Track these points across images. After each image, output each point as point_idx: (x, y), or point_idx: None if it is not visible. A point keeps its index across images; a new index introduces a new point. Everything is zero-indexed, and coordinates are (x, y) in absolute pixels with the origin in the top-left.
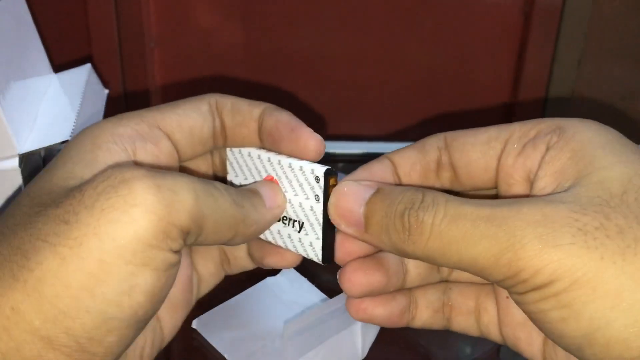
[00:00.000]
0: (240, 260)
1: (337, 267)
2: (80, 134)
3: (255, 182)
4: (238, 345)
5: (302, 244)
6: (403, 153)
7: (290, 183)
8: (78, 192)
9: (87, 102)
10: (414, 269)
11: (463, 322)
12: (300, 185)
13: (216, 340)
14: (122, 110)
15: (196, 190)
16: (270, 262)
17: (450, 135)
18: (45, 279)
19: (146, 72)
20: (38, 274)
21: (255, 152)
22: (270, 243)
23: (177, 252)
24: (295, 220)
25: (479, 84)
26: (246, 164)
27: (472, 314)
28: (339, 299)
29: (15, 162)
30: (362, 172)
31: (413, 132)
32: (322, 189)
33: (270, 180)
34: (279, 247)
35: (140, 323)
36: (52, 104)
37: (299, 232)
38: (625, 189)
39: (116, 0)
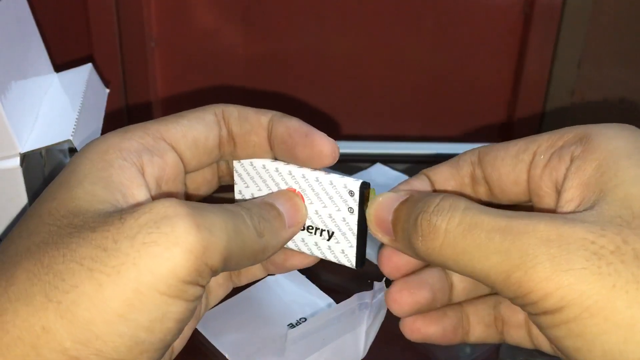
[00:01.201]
0: (252, 270)
1: (338, 267)
2: (88, 149)
3: (273, 193)
4: (239, 344)
5: (332, 251)
6: (438, 169)
7: (318, 196)
8: (117, 220)
9: (88, 102)
10: (459, 283)
11: (515, 336)
12: (330, 198)
13: (217, 339)
14: (122, 109)
15: (228, 230)
16: (294, 262)
17: (484, 149)
18: (80, 302)
19: (147, 71)
20: (73, 296)
21: (271, 164)
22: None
23: (204, 286)
24: (323, 230)
25: (480, 83)
26: (260, 175)
27: (523, 327)
28: (344, 304)
29: (16, 162)
30: (401, 186)
31: (414, 132)
32: (357, 202)
33: (292, 192)
34: (303, 252)
35: (168, 346)
36: (53, 103)
37: (329, 240)
38: None
39: (117, 0)
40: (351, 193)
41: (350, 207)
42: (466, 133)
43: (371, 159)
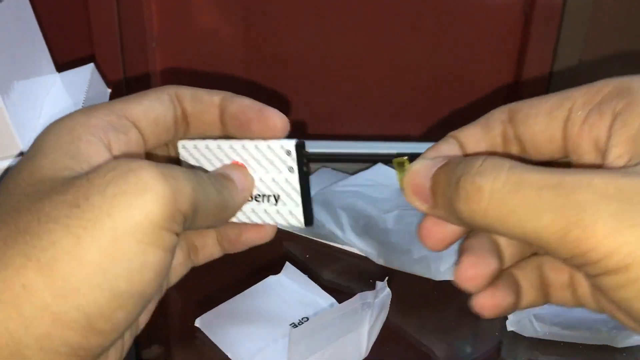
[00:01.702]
0: (209, 248)
1: (337, 265)
2: (55, 125)
3: (219, 167)
4: (241, 343)
5: (281, 214)
6: (467, 130)
7: (259, 163)
8: (85, 180)
9: (89, 101)
10: (507, 249)
11: (560, 297)
12: (271, 162)
13: (219, 338)
14: None
15: (191, 180)
16: (249, 237)
17: (514, 107)
18: (59, 257)
19: (148, 71)
20: (52, 253)
21: (213, 143)
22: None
23: (178, 235)
24: (270, 195)
25: (480, 83)
26: (204, 156)
27: (568, 288)
28: (347, 304)
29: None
30: (430, 152)
31: (414, 132)
32: (296, 160)
33: (236, 165)
34: (255, 223)
35: (146, 301)
36: (56, 103)
37: (276, 204)
38: None
39: (118, 0)
40: (288, 152)
41: (290, 167)
42: None
43: (371, 159)
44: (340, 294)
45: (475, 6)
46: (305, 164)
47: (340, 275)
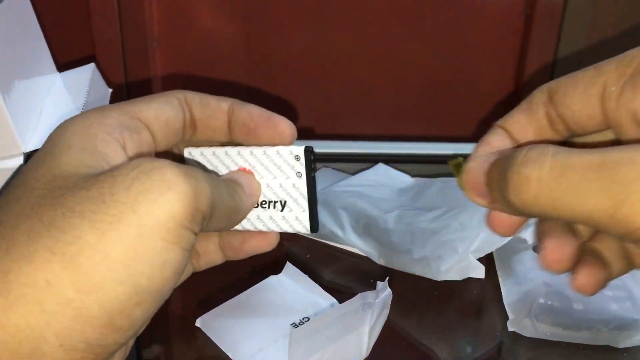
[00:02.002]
0: (210, 254)
1: (337, 265)
2: (70, 123)
3: (226, 173)
4: (242, 343)
5: (287, 220)
6: (513, 117)
7: (267, 169)
8: (109, 177)
9: (90, 101)
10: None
11: None
12: (279, 167)
13: (220, 338)
14: None
15: (208, 181)
16: (252, 245)
17: (552, 87)
18: (83, 251)
19: (148, 71)
20: (76, 247)
21: (220, 150)
22: (248, 230)
23: (196, 235)
24: (276, 201)
25: (481, 83)
26: (211, 162)
27: None
28: (348, 304)
29: (19, 161)
30: (481, 147)
31: (415, 132)
32: (304, 165)
33: (243, 171)
34: (260, 230)
35: (162, 300)
36: (56, 103)
37: (282, 210)
38: None
39: (119, 0)
40: (297, 158)
41: (299, 172)
42: (467, 133)
43: (373, 159)
44: (341, 294)
45: (476, 7)
46: (313, 169)
47: (341, 275)
